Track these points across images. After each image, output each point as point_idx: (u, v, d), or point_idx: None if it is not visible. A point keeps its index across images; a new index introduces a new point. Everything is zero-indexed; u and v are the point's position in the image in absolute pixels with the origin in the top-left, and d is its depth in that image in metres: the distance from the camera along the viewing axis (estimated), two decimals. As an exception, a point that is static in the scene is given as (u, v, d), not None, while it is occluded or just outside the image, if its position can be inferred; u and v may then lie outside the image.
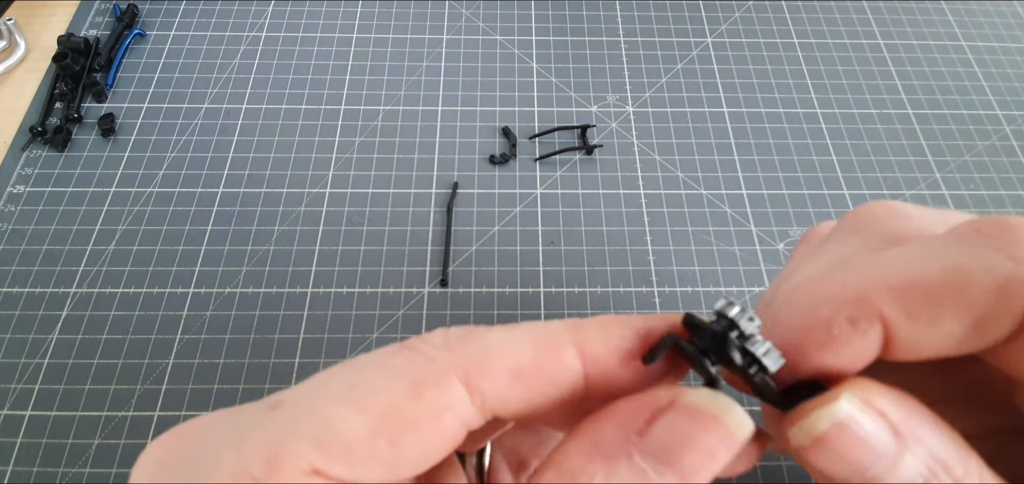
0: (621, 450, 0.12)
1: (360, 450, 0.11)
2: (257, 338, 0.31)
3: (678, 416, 0.12)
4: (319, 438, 0.11)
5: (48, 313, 0.31)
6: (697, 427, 0.12)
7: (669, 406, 0.12)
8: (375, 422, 0.11)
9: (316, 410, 0.11)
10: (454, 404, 0.12)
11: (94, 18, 0.43)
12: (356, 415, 0.11)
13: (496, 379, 0.12)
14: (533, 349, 0.13)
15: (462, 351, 0.12)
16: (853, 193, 0.36)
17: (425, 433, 0.12)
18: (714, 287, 0.33)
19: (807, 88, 0.41)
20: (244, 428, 0.11)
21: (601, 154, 0.37)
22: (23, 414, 0.28)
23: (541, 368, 0.13)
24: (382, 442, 0.11)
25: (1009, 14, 0.45)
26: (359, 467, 0.11)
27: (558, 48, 0.42)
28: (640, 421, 0.12)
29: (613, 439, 0.12)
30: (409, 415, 0.11)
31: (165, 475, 0.11)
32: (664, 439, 0.12)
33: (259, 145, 0.37)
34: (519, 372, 0.12)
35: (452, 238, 0.34)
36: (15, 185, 0.35)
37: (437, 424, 0.12)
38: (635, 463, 0.11)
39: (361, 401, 0.11)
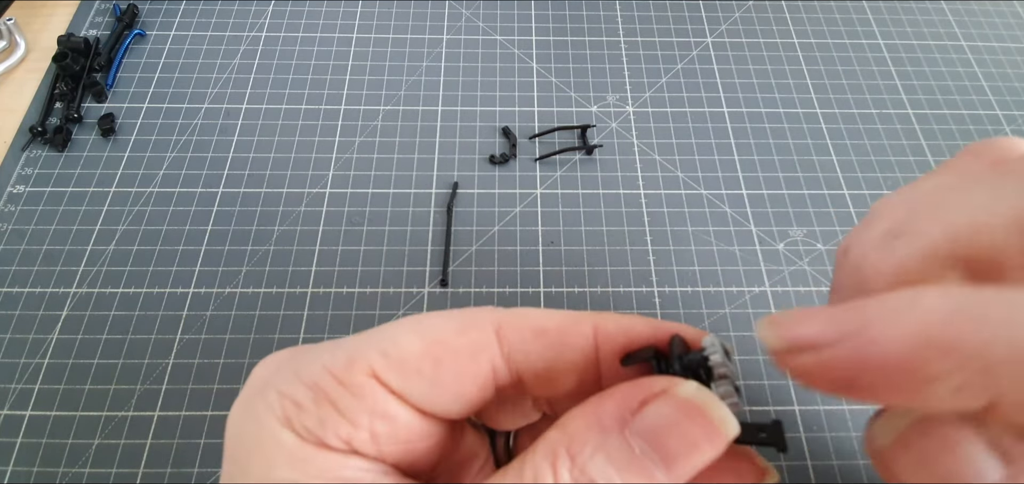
0: (615, 424, 0.13)
1: (411, 363, 0.14)
2: (257, 338, 0.31)
3: (667, 403, 0.13)
4: (384, 350, 0.14)
5: (48, 313, 0.31)
6: (682, 415, 0.13)
7: (661, 393, 0.13)
8: (427, 346, 0.14)
9: (388, 333, 0.15)
10: (487, 345, 0.15)
11: (94, 18, 0.43)
12: (414, 338, 0.14)
13: (523, 331, 0.15)
14: (558, 318, 0.15)
15: (502, 311, 0.15)
16: (853, 193, 0.36)
17: (461, 363, 0.14)
18: (714, 287, 0.33)
19: (807, 88, 0.41)
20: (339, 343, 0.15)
21: (601, 154, 0.37)
22: (23, 414, 0.28)
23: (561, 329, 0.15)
24: (429, 362, 0.14)
25: (1009, 14, 0.45)
26: (408, 378, 0.14)
27: (558, 48, 0.42)
28: (635, 402, 0.13)
29: (610, 413, 0.13)
30: (452, 345, 0.14)
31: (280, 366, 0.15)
32: (652, 420, 0.13)
33: (259, 145, 0.37)
34: (542, 330, 0.15)
35: (452, 238, 0.34)
36: (15, 185, 0.35)
37: (472, 358, 0.15)
38: (625, 438, 0.13)
39: (420, 330, 0.15)
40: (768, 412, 0.29)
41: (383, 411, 0.14)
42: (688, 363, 0.14)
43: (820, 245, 0.34)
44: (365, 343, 0.14)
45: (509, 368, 0.15)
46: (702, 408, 0.13)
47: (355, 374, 0.14)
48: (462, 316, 0.15)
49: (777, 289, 0.32)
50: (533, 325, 0.15)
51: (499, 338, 0.15)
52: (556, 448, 0.13)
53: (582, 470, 0.13)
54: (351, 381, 0.14)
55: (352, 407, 0.14)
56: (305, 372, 0.14)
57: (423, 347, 0.14)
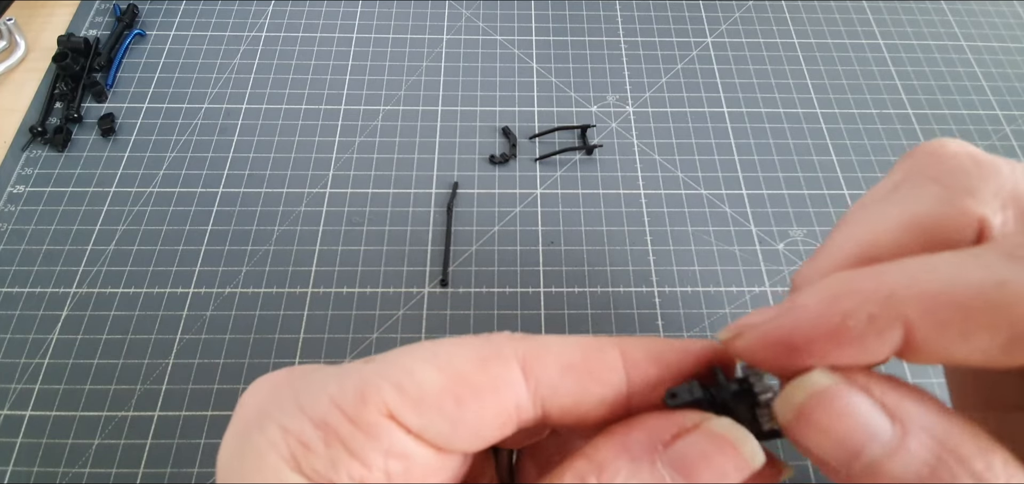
0: (646, 454, 0.13)
1: (430, 401, 0.13)
2: (257, 338, 0.31)
3: (701, 437, 0.13)
4: (400, 384, 0.13)
5: (48, 313, 0.31)
6: (715, 449, 0.13)
7: (694, 427, 0.13)
8: (447, 381, 0.13)
9: (401, 363, 0.13)
10: (512, 382, 0.14)
11: (94, 18, 0.43)
12: (433, 372, 0.13)
13: (549, 369, 0.14)
14: (583, 348, 0.14)
15: (523, 341, 0.14)
16: (853, 193, 0.36)
17: (484, 401, 0.13)
18: (714, 287, 0.33)
19: (807, 88, 0.41)
20: (344, 371, 0.14)
21: (601, 154, 0.37)
22: (23, 414, 0.28)
23: (589, 364, 0.14)
24: (449, 400, 0.13)
25: (1009, 14, 0.45)
26: (426, 417, 0.13)
27: (558, 48, 0.42)
28: (667, 434, 0.13)
29: (640, 443, 0.13)
30: (474, 381, 0.13)
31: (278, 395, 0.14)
32: (685, 453, 0.13)
33: (259, 145, 0.37)
34: (570, 365, 0.14)
35: (452, 238, 0.34)
36: (15, 185, 0.35)
37: (495, 396, 0.13)
38: (656, 468, 0.13)
39: (438, 363, 0.13)
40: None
41: (399, 451, 0.13)
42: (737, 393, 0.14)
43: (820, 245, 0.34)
44: (377, 374, 0.13)
45: (535, 405, 0.14)
46: (734, 443, 0.13)
47: (368, 412, 0.13)
48: (483, 347, 0.14)
49: (777, 289, 0.32)
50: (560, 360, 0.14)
51: (525, 373, 0.14)
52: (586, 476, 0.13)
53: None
54: (363, 419, 0.13)
55: (365, 447, 0.13)
56: (311, 407, 0.13)
57: (443, 383, 0.13)
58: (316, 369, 0.14)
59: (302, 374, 0.14)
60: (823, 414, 0.12)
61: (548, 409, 0.14)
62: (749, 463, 0.13)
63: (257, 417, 0.14)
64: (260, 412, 0.14)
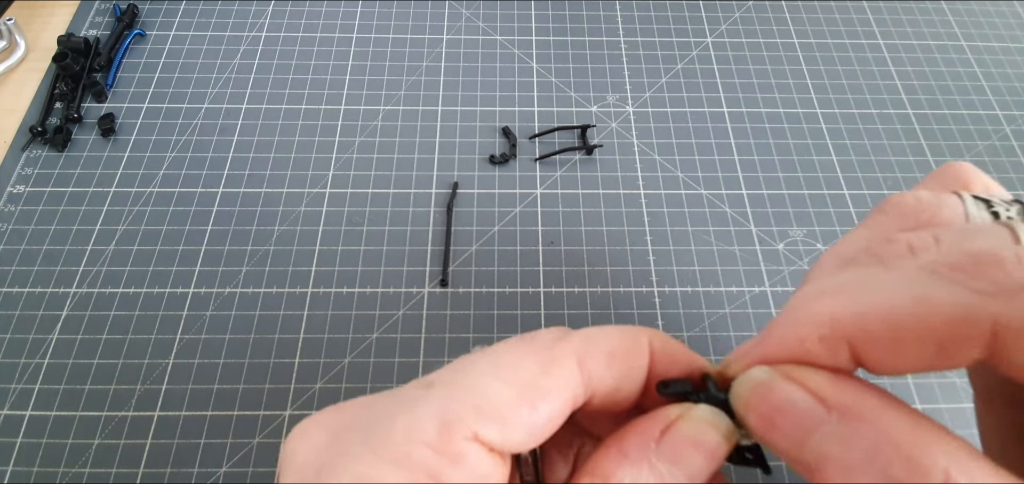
0: (643, 456, 0.14)
1: (509, 415, 0.13)
2: (257, 338, 0.31)
3: (688, 425, 0.14)
4: (478, 406, 0.13)
5: (48, 313, 0.31)
6: (700, 433, 0.14)
7: (678, 418, 0.15)
8: (519, 392, 0.14)
9: (472, 384, 0.14)
10: (572, 379, 0.15)
11: (94, 18, 0.43)
12: (505, 387, 0.14)
13: (598, 360, 0.15)
14: (620, 336, 0.16)
15: (574, 338, 0.15)
16: (853, 193, 0.36)
17: (553, 401, 0.14)
18: (714, 287, 0.33)
19: (807, 88, 0.41)
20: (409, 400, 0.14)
21: (601, 154, 0.37)
22: (23, 414, 0.28)
23: (627, 351, 0.15)
24: (525, 408, 0.14)
25: (1009, 14, 0.45)
26: (508, 430, 0.13)
27: (558, 48, 0.42)
28: (657, 432, 0.14)
29: (635, 446, 0.14)
30: (543, 386, 0.14)
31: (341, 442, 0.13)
32: (675, 443, 0.14)
33: (259, 145, 0.37)
34: (613, 353, 0.15)
35: (452, 238, 0.34)
36: (15, 185, 0.35)
37: (562, 394, 0.14)
38: (654, 465, 0.14)
39: (506, 376, 0.14)
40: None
41: (483, 472, 0.13)
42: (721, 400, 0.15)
43: (820, 245, 0.34)
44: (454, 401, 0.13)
45: (586, 395, 0.15)
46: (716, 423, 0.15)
47: (454, 440, 0.13)
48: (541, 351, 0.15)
49: (777, 289, 0.32)
50: (606, 349, 0.15)
51: (581, 368, 0.15)
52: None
53: None
54: (450, 449, 0.13)
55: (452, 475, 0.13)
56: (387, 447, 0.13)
57: (516, 394, 0.14)
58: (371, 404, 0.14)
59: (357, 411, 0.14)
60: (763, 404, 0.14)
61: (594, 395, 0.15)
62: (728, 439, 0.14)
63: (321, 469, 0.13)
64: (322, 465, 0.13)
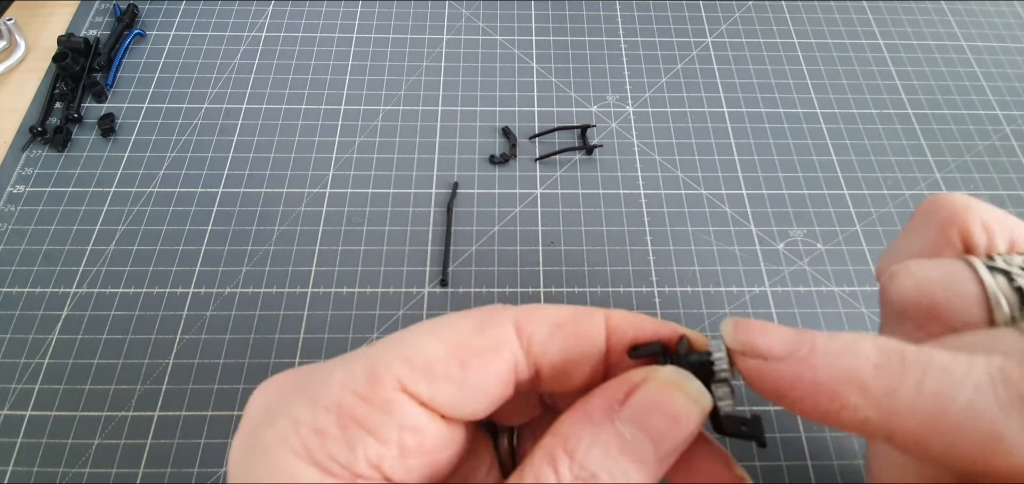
0: (605, 417, 0.14)
1: (437, 369, 0.14)
2: (257, 338, 0.31)
3: (650, 387, 0.14)
4: (408, 358, 0.14)
5: (48, 313, 0.31)
6: (664, 396, 0.14)
7: (643, 381, 0.14)
8: (450, 348, 0.14)
9: (406, 339, 0.14)
10: (508, 341, 0.15)
11: (94, 18, 0.43)
12: (437, 343, 0.14)
13: (540, 327, 0.15)
14: (571, 310, 0.16)
15: (517, 307, 0.16)
16: (853, 193, 0.36)
17: (486, 361, 0.15)
18: (714, 287, 0.33)
19: (807, 88, 0.41)
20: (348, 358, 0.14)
21: (601, 154, 0.37)
22: (23, 414, 0.28)
23: (576, 322, 0.16)
24: (454, 364, 0.14)
25: (1009, 14, 0.45)
26: (436, 384, 0.14)
27: (558, 48, 0.42)
28: (621, 394, 0.14)
29: (599, 408, 0.14)
30: (475, 344, 0.15)
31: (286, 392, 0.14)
32: (638, 406, 0.14)
33: (259, 145, 0.37)
34: (558, 323, 0.15)
35: (452, 238, 0.34)
36: (15, 185, 0.35)
37: (496, 355, 0.15)
38: (616, 428, 0.14)
39: (440, 334, 0.15)
40: (769, 412, 0.29)
41: (413, 424, 0.14)
42: (693, 362, 0.15)
43: (820, 245, 0.34)
44: (384, 354, 0.14)
45: (529, 363, 0.15)
46: (680, 385, 0.14)
47: (382, 389, 0.13)
48: (479, 315, 0.15)
49: (777, 289, 0.32)
50: (550, 319, 0.15)
51: (519, 333, 0.15)
52: (553, 450, 0.14)
53: (581, 465, 0.13)
54: (378, 397, 0.13)
55: (381, 424, 0.13)
56: (323, 395, 0.13)
57: (447, 350, 0.14)
58: (319, 365, 0.15)
59: (307, 371, 0.15)
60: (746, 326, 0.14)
61: (540, 367, 0.16)
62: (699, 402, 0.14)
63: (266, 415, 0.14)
64: (268, 411, 0.14)
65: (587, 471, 0.13)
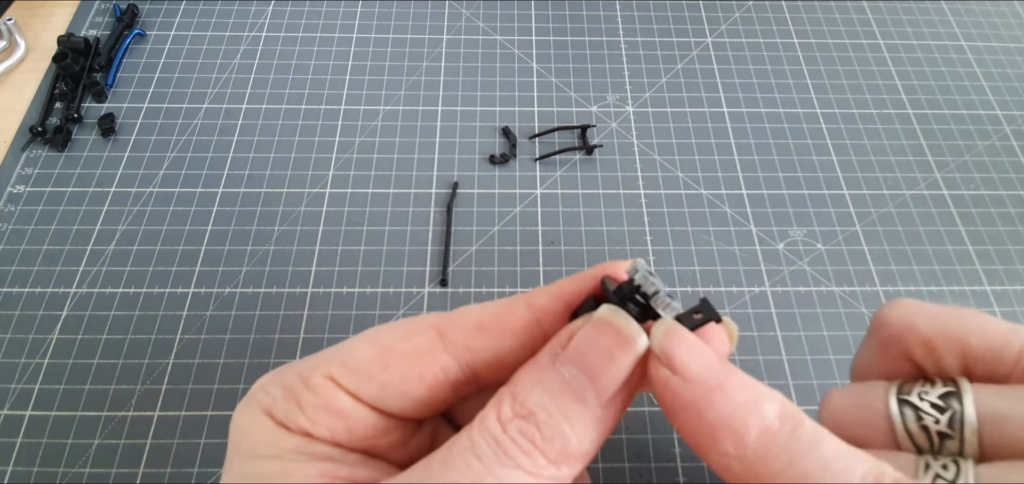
0: (549, 362, 0.15)
1: (363, 368, 0.16)
2: (257, 338, 0.31)
3: (587, 328, 0.15)
4: (342, 358, 0.17)
5: (48, 313, 0.31)
6: (599, 333, 0.15)
7: (581, 324, 0.16)
8: (377, 352, 0.16)
9: (348, 343, 0.17)
10: (430, 347, 0.17)
11: (94, 18, 0.43)
12: (367, 346, 0.17)
13: (464, 330, 0.17)
14: (493, 308, 0.17)
15: (442, 315, 0.17)
16: (853, 193, 0.36)
17: (407, 364, 0.16)
18: (714, 287, 0.33)
19: (807, 88, 0.41)
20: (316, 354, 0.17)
21: (601, 154, 0.37)
22: (23, 414, 0.28)
23: (499, 318, 0.17)
24: (377, 366, 0.16)
25: (1009, 14, 0.45)
26: (359, 381, 0.16)
27: (558, 48, 0.42)
28: (565, 339, 0.15)
29: (544, 354, 0.16)
30: (397, 349, 0.17)
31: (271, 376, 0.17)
32: (576, 346, 0.15)
33: (259, 145, 0.37)
34: (481, 324, 0.17)
35: (452, 238, 0.34)
36: (15, 185, 0.35)
37: (416, 359, 0.17)
38: (560, 371, 0.15)
39: (372, 339, 0.17)
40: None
41: (337, 408, 0.16)
42: (621, 294, 0.16)
43: (820, 245, 0.34)
44: (332, 354, 0.17)
45: (460, 365, 0.17)
46: (614, 323, 0.15)
47: (315, 377, 0.16)
48: (407, 323, 0.17)
49: (777, 289, 0.32)
50: (473, 321, 0.17)
51: (443, 339, 0.17)
52: (501, 395, 0.15)
53: (522, 405, 0.15)
54: (311, 382, 0.16)
55: (310, 403, 0.16)
56: (284, 377, 0.17)
57: (373, 353, 0.16)
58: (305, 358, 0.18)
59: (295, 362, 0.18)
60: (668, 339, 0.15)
61: (473, 366, 0.17)
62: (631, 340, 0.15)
63: (255, 388, 0.17)
64: (258, 385, 0.18)
65: (525, 409, 0.14)
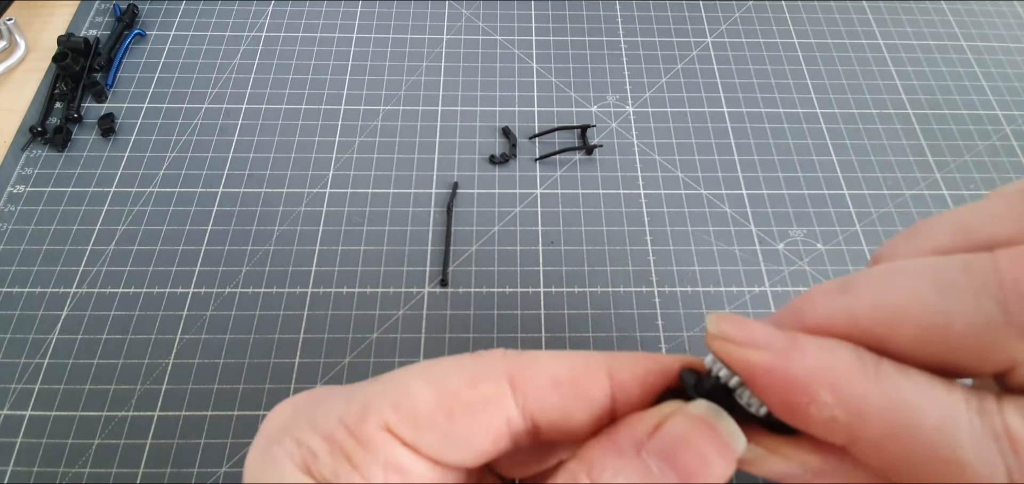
0: (632, 448, 0.14)
1: (423, 417, 0.14)
2: (257, 338, 0.31)
3: (680, 421, 0.14)
4: (396, 402, 0.14)
5: (48, 313, 0.31)
6: (694, 432, 0.14)
7: (672, 414, 0.14)
8: (439, 398, 0.14)
9: (400, 382, 0.15)
10: (500, 397, 0.15)
11: (94, 18, 0.43)
12: (426, 389, 0.14)
13: (538, 384, 0.15)
14: (572, 366, 0.15)
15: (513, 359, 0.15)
16: (853, 193, 0.36)
17: (474, 416, 0.14)
18: (714, 287, 0.33)
19: (807, 88, 0.41)
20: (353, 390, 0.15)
21: (601, 154, 0.37)
22: (23, 414, 0.28)
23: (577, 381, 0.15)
24: (441, 414, 0.14)
25: (1009, 14, 0.45)
26: (420, 431, 0.14)
27: (558, 48, 0.42)
28: (651, 426, 0.14)
29: (627, 437, 0.14)
30: (464, 398, 0.14)
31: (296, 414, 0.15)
32: (667, 440, 0.14)
33: (259, 145, 0.37)
34: (557, 381, 0.15)
35: (452, 238, 0.34)
36: (15, 185, 0.35)
37: (484, 410, 0.14)
38: (643, 460, 0.13)
39: (432, 381, 0.15)
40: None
41: (396, 464, 0.14)
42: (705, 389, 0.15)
43: (820, 245, 0.34)
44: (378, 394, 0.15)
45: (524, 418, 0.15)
46: (712, 423, 0.14)
47: (367, 427, 0.14)
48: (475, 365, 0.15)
49: (777, 289, 0.32)
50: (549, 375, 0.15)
51: (513, 389, 0.15)
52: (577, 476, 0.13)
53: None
54: (363, 434, 0.14)
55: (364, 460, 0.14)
56: (321, 424, 0.14)
57: (435, 399, 0.14)
58: (331, 391, 0.15)
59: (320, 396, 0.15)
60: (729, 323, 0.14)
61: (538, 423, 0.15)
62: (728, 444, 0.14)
63: (277, 432, 0.15)
64: (280, 429, 0.15)
65: None
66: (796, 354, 0.13)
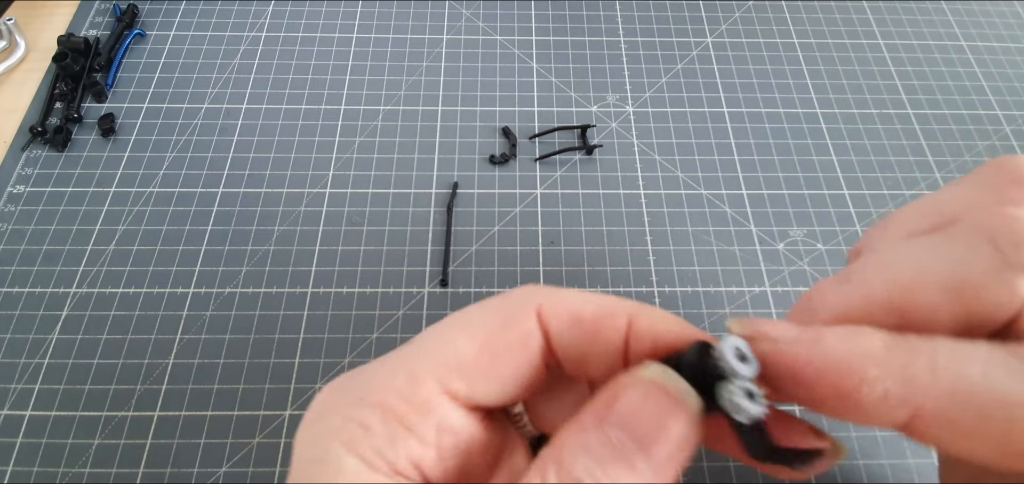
0: (593, 422, 0.14)
1: (471, 367, 0.15)
2: (257, 338, 0.31)
3: (634, 390, 0.14)
4: (445, 359, 0.15)
5: (48, 313, 0.31)
6: (648, 398, 0.14)
7: (628, 384, 0.14)
8: (480, 344, 0.15)
9: (441, 340, 0.15)
10: (533, 332, 0.15)
11: (94, 18, 0.43)
12: (467, 340, 0.15)
13: (561, 318, 0.16)
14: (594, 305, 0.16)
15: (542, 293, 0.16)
16: (853, 193, 0.36)
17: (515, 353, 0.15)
18: (714, 287, 0.33)
19: (807, 88, 0.41)
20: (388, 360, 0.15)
21: (601, 154, 0.37)
22: (23, 414, 0.28)
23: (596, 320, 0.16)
24: (486, 359, 0.15)
25: (1009, 14, 0.45)
26: (470, 381, 0.15)
27: (558, 48, 0.42)
28: (609, 399, 0.14)
29: (589, 413, 0.14)
30: (503, 339, 0.15)
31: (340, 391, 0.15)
32: (623, 408, 0.14)
33: (259, 145, 0.37)
34: (579, 318, 0.15)
35: (452, 238, 0.34)
36: (15, 185, 0.35)
37: (524, 347, 0.15)
38: (604, 433, 0.13)
39: (471, 332, 0.15)
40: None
41: (450, 425, 0.14)
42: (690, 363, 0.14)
43: (820, 245, 0.34)
44: (422, 355, 0.15)
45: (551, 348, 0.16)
46: (665, 387, 0.14)
47: (422, 390, 0.14)
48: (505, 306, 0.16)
49: (777, 289, 0.32)
50: (571, 310, 0.16)
51: (540, 321, 0.16)
52: (546, 459, 0.14)
53: (568, 472, 0.13)
54: (418, 397, 0.14)
55: (421, 424, 0.14)
56: (371, 393, 0.14)
57: (477, 347, 0.15)
58: (366, 366, 0.16)
59: (358, 372, 0.16)
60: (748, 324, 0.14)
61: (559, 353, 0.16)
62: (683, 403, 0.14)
63: (321, 412, 0.15)
64: (323, 408, 0.15)
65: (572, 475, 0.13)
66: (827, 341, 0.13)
